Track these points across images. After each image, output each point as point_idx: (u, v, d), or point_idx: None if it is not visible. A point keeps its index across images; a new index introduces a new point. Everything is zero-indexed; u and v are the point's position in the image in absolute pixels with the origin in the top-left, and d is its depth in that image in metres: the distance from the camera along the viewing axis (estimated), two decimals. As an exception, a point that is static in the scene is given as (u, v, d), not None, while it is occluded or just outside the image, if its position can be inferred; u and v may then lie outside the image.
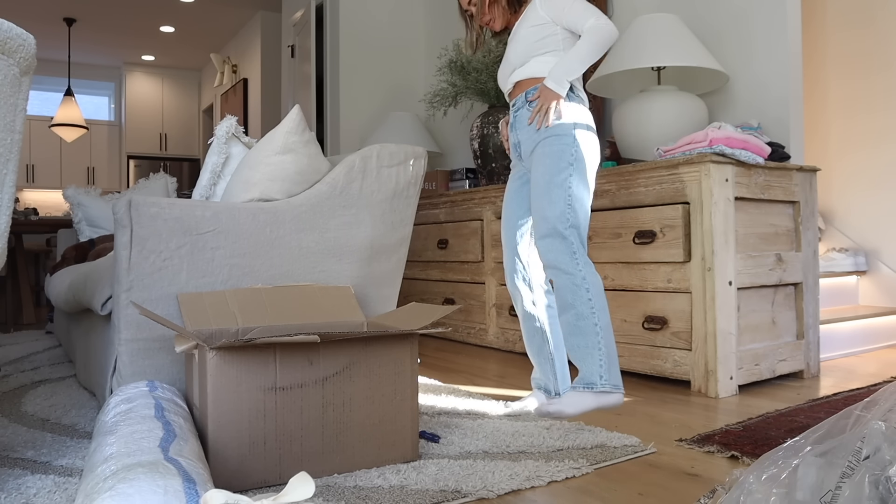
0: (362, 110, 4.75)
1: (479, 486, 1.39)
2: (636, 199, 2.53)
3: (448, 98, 3.83)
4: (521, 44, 2.07)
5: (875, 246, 3.58)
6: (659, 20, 2.78)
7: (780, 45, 2.74)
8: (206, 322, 1.70)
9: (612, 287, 2.63)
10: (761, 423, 1.88)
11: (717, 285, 2.27)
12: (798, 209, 2.59)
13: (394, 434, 1.56)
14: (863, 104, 3.66)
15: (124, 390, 1.56)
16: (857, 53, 3.67)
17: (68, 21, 7.31)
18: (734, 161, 2.34)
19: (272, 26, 7.25)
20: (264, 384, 1.43)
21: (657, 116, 2.73)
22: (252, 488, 1.41)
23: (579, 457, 1.59)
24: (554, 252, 1.90)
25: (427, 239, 3.87)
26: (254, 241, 1.93)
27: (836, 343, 2.99)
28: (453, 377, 2.67)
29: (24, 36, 1.31)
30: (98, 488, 0.96)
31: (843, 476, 0.83)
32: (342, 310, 1.89)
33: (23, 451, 1.69)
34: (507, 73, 2.14)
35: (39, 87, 8.89)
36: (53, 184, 8.65)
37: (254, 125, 7.28)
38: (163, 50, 8.47)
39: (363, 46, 4.75)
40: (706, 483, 1.44)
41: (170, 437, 1.19)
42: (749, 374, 2.37)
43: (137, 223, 1.77)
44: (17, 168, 1.38)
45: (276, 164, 1.99)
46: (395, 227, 2.17)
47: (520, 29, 2.08)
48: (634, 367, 2.53)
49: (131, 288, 1.77)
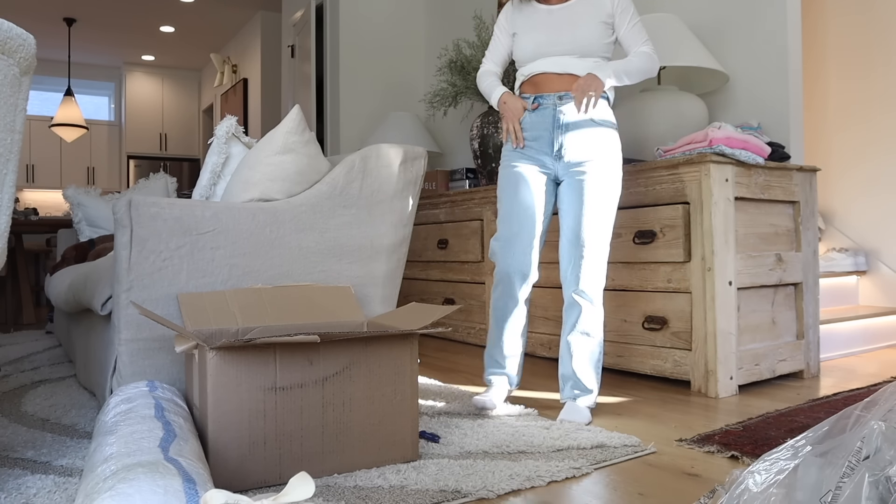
0: (362, 110, 4.75)
1: (479, 486, 1.39)
2: (636, 199, 2.53)
3: (448, 98, 3.83)
4: (588, 32, 2.00)
5: (875, 246, 3.58)
6: (659, 20, 2.78)
7: (780, 45, 2.74)
8: (206, 322, 1.70)
9: (612, 287, 2.63)
10: (761, 423, 1.88)
11: (717, 285, 2.27)
12: (798, 209, 2.59)
13: (394, 434, 1.56)
14: (863, 104, 3.66)
15: (124, 390, 1.56)
16: (858, 53, 3.67)
17: (68, 21, 7.31)
18: (734, 161, 2.34)
19: (272, 26, 7.25)
20: (264, 384, 1.43)
21: (657, 116, 2.73)
22: (252, 488, 1.41)
23: (579, 457, 1.59)
24: (598, 282, 2.02)
25: (427, 239, 3.87)
26: (254, 241, 1.93)
27: (836, 343, 2.99)
28: (453, 377, 2.67)
29: (24, 36, 1.31)
30: (98, 488, 0.96)
31: (843, 476, 0.83)
32: (342, 310, 1.90)
33: (23, 451, 1.69)
34: (557, 49, 2.01)
35: (39, 87, 8.89)
36: (53, 184, 8.65)
37: (254, 125, 7.28)
38: (163, 50, 8.47)
39: (363, 46, 4.75)
40: (706, 483, 1.44)
41: (170, 437, 1.19)
42: (749, 374, 2.37)
43: (137, 223, 1.77)
44: (17, 168, 1.38)
45: (276, 164, 1.99)
46: (395, 227, 2.17)
47: (584, 11, 2.01)
48: (634, 367, 2.53)
49: (131, 288, 1.77)
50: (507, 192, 2.09)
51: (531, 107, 2.05)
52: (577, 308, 2.02)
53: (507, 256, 2.08)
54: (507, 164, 2.11)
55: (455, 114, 4.68)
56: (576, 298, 2.02)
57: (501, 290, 2.10)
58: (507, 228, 2.08)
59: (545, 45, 2.04)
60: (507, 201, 2.09)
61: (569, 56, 2.03)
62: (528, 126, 2.06)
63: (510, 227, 2.07)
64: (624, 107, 2.86)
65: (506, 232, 2.08)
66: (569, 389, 2.03)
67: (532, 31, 2.07)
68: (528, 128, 2.06)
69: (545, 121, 2.04)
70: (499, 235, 2.11)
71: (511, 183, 2.08)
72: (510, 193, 2.08)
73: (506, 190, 2.10)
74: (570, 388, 2.03)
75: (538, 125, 2.05)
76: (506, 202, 2.09)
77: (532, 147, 2.06)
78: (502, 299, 2.11)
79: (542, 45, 2.04)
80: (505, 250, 2.08)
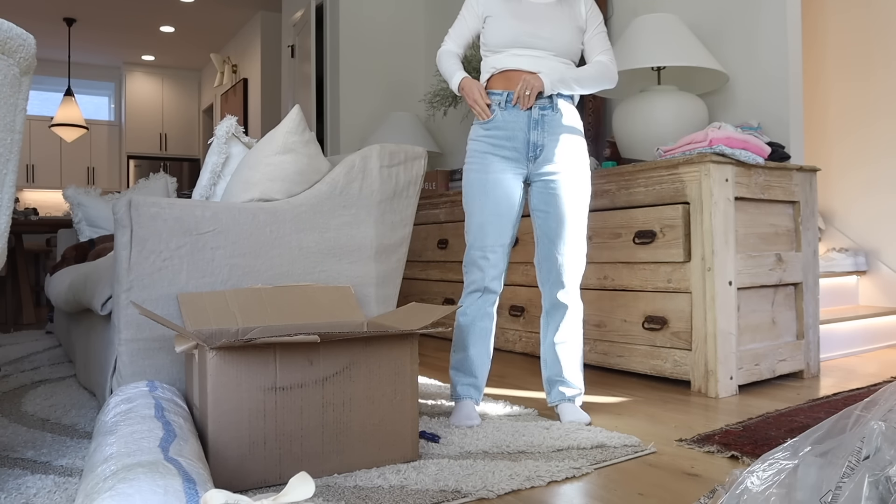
0: (362, 110, 4.75)
1: (479, 486, 1.39)
2: (636, 199, 2.53)
3: (448, 98, 3.83)
4: (567, 34, 1.97)
5: (875, 246, 3.58)
6: (659, 20, 2.78)
7: (780, 45, 2.74)
8: (206, 322, 1.70)
9: (611, 287, 2.63)
10: (761, 423, 1.88)
11: (717, 285, 2.27)
12: (798, 209, 2.59)
13: (394, 434, 1.56)
14: (863, 104, 3.66)
15: (124, 390, 1.56)
16: (858, 53, 3.67)
17: (68, 21, 7.31)
18: (734, 161, 2.34)
19: (272, 26, 7.25)
20: (264, 384, 1.43)
21: (657, 116, 2.74)
22: (252, 488, 1.41)
23: (579, 457, 1.59)
24: (579, 281, 2.02)
25: (427, 239, 3.87)
26: (254, 241, 1.93)
27: (836, 343, 2.99)
28: (453, 377, 2.66)
29: (24, 36, 1.31)
30: (98, 488, 0.96)
31: (843, 476, 0.83)
32: (342, 310, 1.89)
33: (23, 451, 1.69)
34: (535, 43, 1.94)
35: (39, 87, 8.89)
36: (53, 184, 8.65)
37: (254, 125, 7.28)
38: (163, 50, 8.47)
39: (363, 46, 4.75)
40: (706, 483, 1.44)
41: (170, 437, 1.19)
42: (749, 374, 2.37)
43: (137, 223, 1.77)
44: (17, 168, 1.38)
45: (276, 164, 1.99)
46: (395, 227, 2.17)
47: (563, 13, 1.98)
48: (634, 367, 2.53)
49: (131, 288, 1.77)
50: (480, 199, 1.96)
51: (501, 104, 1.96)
52: (562, 309, 1.99)
53: (487, 268, 1.96)
54: (479, 166, 1.97)
55: (455, 114, 4.68)
56: (562, 299, 1.99)
57: (479, 306, 1.98)
58: (479, 238, 1.96)
59: (524, 36, 1.94)
60: (479, 209, 1.96)
61: (545, 53, 1.97)
62: (501, 124, 1.96)
63: (483, 236, 1.96)
64: (624, 107, 2.86)
65: (480, 242, 1.96)
66: (558, 392, 2.00)
67: (511, 17, 1.96)
68: (502, 126, 1.95)
69: (520, 120, 1.95)
70: (473, 245, 1.97)
71: (484, 189, 1.95)
72: (483, 200, 1.95)
73: (477, 196, 1.96)
74: (561, 391, 2.00)
75: (512, 124, 1.95)
76: (478, 210, 1.96)
77: (505, 147, 1.95)
78: (481, 315, 1.98)
79: (520, 35, 1.94)
80: (484, 262, 1.96)
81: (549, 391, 2.03)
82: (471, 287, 1.99)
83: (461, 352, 2.01)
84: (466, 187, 2.00)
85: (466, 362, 2.01)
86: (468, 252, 2.00)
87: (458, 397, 2.00)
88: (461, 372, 2.01)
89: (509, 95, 1.95)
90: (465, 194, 2.01)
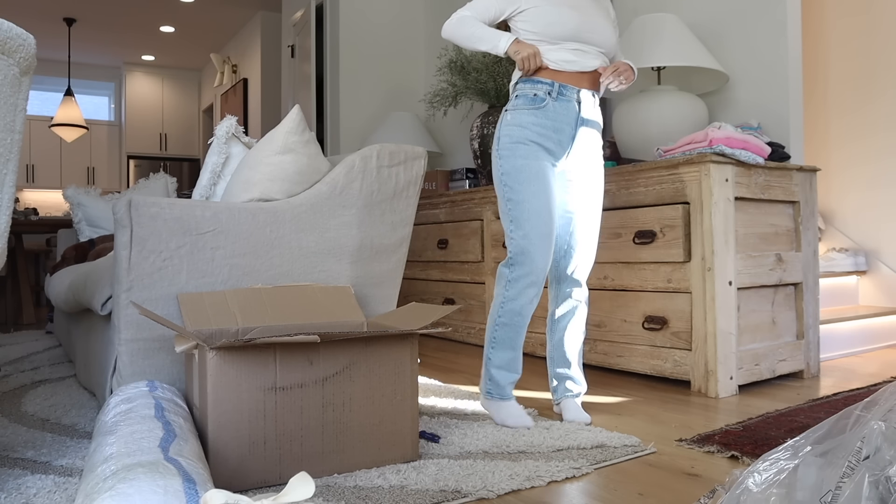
0: (362, 110, 4.75)
1: (479, 486, 1.39)
2: (636, 199, 2.53)
3: (448, 98, 3.83)
4: (612, 32, 1.98)
5: (875, 246, 3.58)
6: (659, 20, 2.78)
7: (780, 45, 2.74)
8: (206, 322, 1.70)
9: (611, 287, 2.63)
10: (761, 423, 1.88)
11: (717, 285, 2.27)
12: (798, 209, 2.59)
13: (394, 434, 1.56)
14: (863, 104, 3.66)
15: (124, 390, 1.56)
16: (858, 53, 3.67)
17: (68, 21, 7.31)
18: (734, 161, 2.34)
19: (272, 26, 7.25)
20: (264, 384, 1.43)
21: (657, 116, 2.74)
22: (252, 488, 1.41)
23: (579, 457, 1.59)
24: (587, 278, 2.07)
25: (427, 239, 3.87)
26: (254, 241, 1.93)
27: (836, 343, 2.99)
28: (453, 377, 2.67)
29: (24, 36, 1.31)
30: (98, 488, 0.96)
31: (843, 476, 0.83)
32: (342, 310, 1.89)
33: (23, 451, 1.69)
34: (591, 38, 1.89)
35: (39, 87, 8.89)
36: (53, 184, 8.65)
37: (254, 125, 7.28)
38: (163, 50, 8.47)
39: (363, 46, 4.75)
40: (706, 483, 1.44)
41: (170, 437, 1.19)
42: (749, 374, 2.37)
43: (137, 223, 1.77)
44: (17, 168, 1.38)
45: (276, 164, 1.99)
46: (395, 227, 2.16)
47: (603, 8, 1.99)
48: (634, 367, 2.53)
49: (131, 288, 1.77)
50: (535, 185, 1.87)
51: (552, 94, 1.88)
52: (574, 306, 2.02)
53: (545, 255, 1.88)
54: (527, 152, 1.89)
55: (455, 114, 4.68)
56: (576, 296, 2.02)
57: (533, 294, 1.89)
58: (537, 226, 1.87)
59: (583, 31, 1.86)
60: (534, 195, 1.87)
61: (594, 49, 1.91)
62: (552, 115, 1.89)
63: (541, 224, 1.87)
64: (624, 107, 2.86)
65: (538, 231, 1.87)
66: (565, 388, 2.01)
67: (563, 5, 1.87)
68: (553, 116, 1.89)
69: (570, 114, 1.90)
70: (529, 233, 1.87)
71: (538, 176, 1.88)
72: (538, 186, 1.87)
73: (532, 182, 1.87)
74: (569, 387, 2.01)
75: (563, 116, 1.90)
76: (532, 196, 1.87)
77: (551, 138, 1.90)
78: (531, 303, 1.91)
79: (580, 26, 1.86)
80: (541, 249, 1.87)
81: (555, 387, 2.04)
82: (525, 280, 1.88)
83: (510, 350, 1.93)
84: (514, 173, 1.89)
85: (516, 361, 1.94)
86: (518, 241, 1.88)
87: (506, 397, 1.93)
88: (510, 371, 1.94)
89: (561, 87, 1.88)
90: (513, 180, 1.89)
